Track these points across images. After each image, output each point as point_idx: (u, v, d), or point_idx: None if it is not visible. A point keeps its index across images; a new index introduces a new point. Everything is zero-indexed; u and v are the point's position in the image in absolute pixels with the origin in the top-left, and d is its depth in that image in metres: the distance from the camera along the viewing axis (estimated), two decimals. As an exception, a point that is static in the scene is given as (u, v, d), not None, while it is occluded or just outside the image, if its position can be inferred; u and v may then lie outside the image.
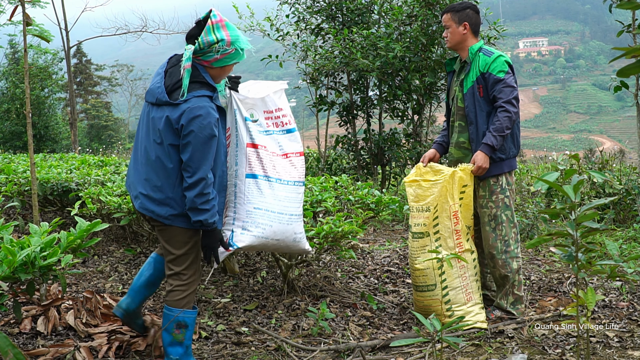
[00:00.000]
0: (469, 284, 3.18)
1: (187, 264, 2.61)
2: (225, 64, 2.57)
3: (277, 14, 7.95)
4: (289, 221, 2.77)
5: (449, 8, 3.31)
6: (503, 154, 3.20)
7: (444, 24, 3.33)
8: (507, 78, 3.15)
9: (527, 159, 14.78)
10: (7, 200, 4.77)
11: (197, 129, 2.41)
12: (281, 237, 2.76)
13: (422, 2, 6.50)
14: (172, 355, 2.61)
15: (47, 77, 17.25)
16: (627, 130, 58.30)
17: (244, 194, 2.72)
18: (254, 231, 2.69)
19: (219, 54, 2.52)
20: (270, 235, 2.72)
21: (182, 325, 2.61)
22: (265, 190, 2.74)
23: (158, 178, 2.53)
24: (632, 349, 2.73)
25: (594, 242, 4.82)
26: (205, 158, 2.45)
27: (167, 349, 2.63)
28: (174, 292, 2.61)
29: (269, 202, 2.74)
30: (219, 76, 2.63)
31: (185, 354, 2.64)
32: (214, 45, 2.50)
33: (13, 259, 2.47)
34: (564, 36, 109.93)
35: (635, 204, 5.57)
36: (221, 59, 2.54)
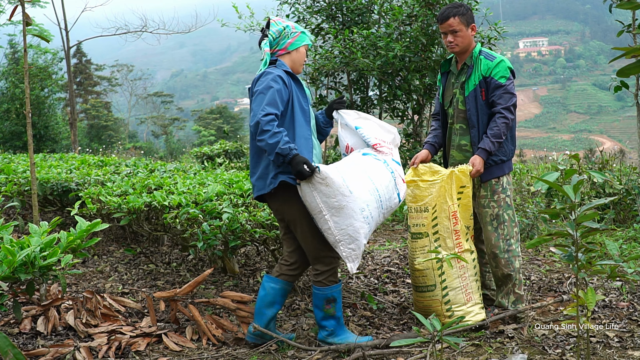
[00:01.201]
0: (469, 284, 3.18)
1: (316, 243, 2.85)
2: (298, 45, 2.95)
3: (277, 13, 7.95)
4: (365, 211, 2.78)
5: (455, 12, 3.19)
6: (504, 156, 3.23)
7: (452, 28, 3.19)
8: (508, 84, 3.16)
9: (527, 159, 14.78)
10: (7, 200, 4.77)
11: (258, 84, 2.81)
12: (350, 218, 2.74)
13: (422, 2, 6.50)
14: (327, 327, 2.92)
15: (47, 77, 17.23)
16: (627, 130, 58.29)
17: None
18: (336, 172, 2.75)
19: (290, 37, 2.93)
20: (348, 198, 2.72)
21: (331, 300, 2.90)
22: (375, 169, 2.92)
23: (256, 162, 2.90)
24: (632, 349, 2.73)
25: (594, 242, 4.82)
26: (260, 104, 2.73)
27: (321, 322, 2.93)
28: (319, 274, 2.89)
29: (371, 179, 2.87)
30: (298, 61, 2.98)
31: (338, 324, 2.94)
32: (282, 32, 2.92)
33: (13, 259, 2.47)
34: (564, 36, 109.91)
35: (635, 204, 5.57)
36: (293, 42, 2.94)
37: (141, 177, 4.84)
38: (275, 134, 2.66)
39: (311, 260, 2.92)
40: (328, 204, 2.72)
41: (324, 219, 2.75)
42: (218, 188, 3.88)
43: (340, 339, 2.92)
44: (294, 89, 2.88)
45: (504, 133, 3.14)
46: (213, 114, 39.13)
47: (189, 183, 4.29)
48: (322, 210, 2.73)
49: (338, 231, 2.75)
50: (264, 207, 3.64)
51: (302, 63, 3.00)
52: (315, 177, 2.69)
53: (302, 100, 2.91)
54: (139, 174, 5.12)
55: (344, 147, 3.18)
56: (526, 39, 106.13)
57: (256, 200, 3.12)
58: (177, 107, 48.70)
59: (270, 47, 2.92)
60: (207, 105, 64.83)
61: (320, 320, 2.93)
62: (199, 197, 3.73)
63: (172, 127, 38.84)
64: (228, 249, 3.76)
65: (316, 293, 2.91)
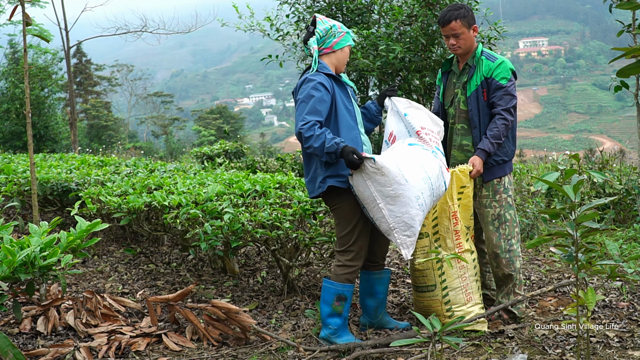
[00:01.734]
0: (469, 284, 3.18)
1: (353, 240, 2.92)
2: (343, 45, 3.04)
3: (277, 14, 7.95)
4: (420, 198, 2.81)
5: (456, 15, 3.18)
6: (506, 156, 3.24)
7: (454, 32, 3.18)
8: (509, 86, 3.16)
9: (527, 159, 14.77)
10: (7, 200, 4.77)
11: (300, 92, 2.92)
12: (406, 206, 2.77)
13: (422, 2, 6.50)
14: (331, 325, 2.92)
15: (46, 77, 17.22)
16: (627, 130, 58.24)
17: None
18: (392, 162, 2.78)
19: (336, 37, 3.01)
20: (402, 185, 2.76)
21: (342, 298, 2.91)
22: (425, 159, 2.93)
23: (307, 164, 3.01)
24: (632, 349, 2.73)
25: (594, 242, 4.82)
26: (301, 114, 2.84)
27: (326, 320, 2.93)
28: (340, 267, 2.93)
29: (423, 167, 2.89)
30: (342, 60, 3.06)
31: (342, 325, 2.94)
32: (329, 31, 3.00)
33: (13, 259, 2.47)
34: (564, 36, 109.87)
35: (635, 204, 5.57)
36: (339, 41, 3.02)
37: (141, 177, 4.84)
38: (318, 136, 2.75)
39: (338, 252, 2.99)
40: (383, 193, 2.76)
41: (377, 208, 2.78)
42: (218, 188, 3.88)
43: (342, 340, 2.93)
44: (337, 92, 2.97)
45: (504, 134, 3.15)
46: (213, 114, 39.14)
47: (189, 183, 4.29)
48: (375, 199, 2.77)
49: (393, 219, 2.78)
50: (264, 207, 3.64)
51: (345, 62, 3.10)
52: (370, 167, 2.73)
53: (345, 100, 3.01)
54: (139, 174, 5.12)
55: (387, 135, 3.23)
56: (526, 39, 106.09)
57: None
58: (177, 107, 48.70)
59: (317, 45, 3.02)
60: (207, 105, 64.83)
61: (325, 317, 2.95)
62: (199, 197, 3.73)
63: (172, 127, 38.84)
64: (229, 249, 3.76)
65: (328, 287, 2.93)
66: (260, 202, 3.71)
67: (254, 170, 7.94)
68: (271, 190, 3.97)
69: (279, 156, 9.80)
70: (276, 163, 9.13)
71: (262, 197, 3.85)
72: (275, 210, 3.51)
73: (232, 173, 5.24)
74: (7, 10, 17.07)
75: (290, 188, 4.09)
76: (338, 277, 2.93)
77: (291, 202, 3.69)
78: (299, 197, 3.69)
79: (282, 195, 3.85)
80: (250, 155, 10.40)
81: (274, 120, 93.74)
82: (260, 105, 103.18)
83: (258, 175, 4.54)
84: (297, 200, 3.66)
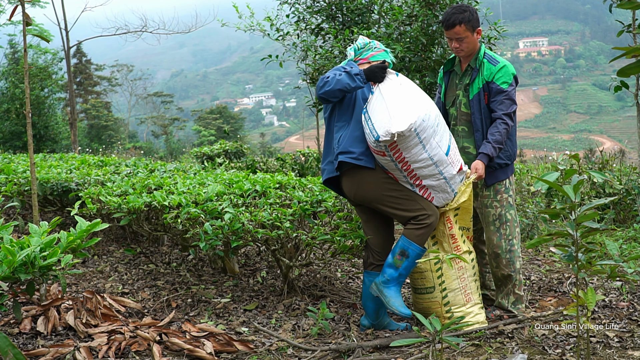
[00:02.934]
0: (468, 284, 3.18)
1: (415, 205, 3.00)
2: (379, 59, 3.18)
3: (277, 14, 7.95)
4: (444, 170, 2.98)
5: (460, 19, 3.14)
6: (508, 160, 3.24)
7: (458, 36, 3.16)
8: (510, 90, 3.15)
9: (527, 159, 14.77)
10: (7, 200, 4.77)
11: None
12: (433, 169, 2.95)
13: (422, 2, 6.50)
14: (386, 274, 2.99)
15: (46, 77, 17.21)
16: (627, 130, 58.25)
17: None
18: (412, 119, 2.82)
19: (373, 50, 3.20)
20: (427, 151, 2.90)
21: (404, 253, 2.96)
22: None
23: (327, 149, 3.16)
24: (632, 349, 2.73)
25: (594, 242, 4.82)
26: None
27: (385, 267, 3.01)
28: (413, 224, 2.99)
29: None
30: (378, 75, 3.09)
31: (396, 279, 2.98)
32: (367, 45, 3.21)
33: (13, 259, 2.47)
34: (564, 36, 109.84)
35: (635, 204, 5.56)
36: (375, 54, 3.19)
37: (141, 177, 4.83)
38: (334, 75, 2.91)
39: (406, 224, 3.03)
40: (432, 146, 2.90)
41: (433, 167, 2.93)
42: (218, 188, 3.88)
43: (388, 293, 2.97)
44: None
45: (504, 139, 3.15)
46: (213, 114, 39.15)
47: (189, 183, 4.29)
48: (431, 158, 2.91)
49: (449, 177, 3.00)
50: (264, 207, 3.64)
51: None
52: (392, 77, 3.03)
53: (365, 90, 3.13)
54: (139, 174, 5.12)
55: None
56: (526, 39, 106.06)
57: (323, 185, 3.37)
58: (177, 107, 48.72)
59: (354, 54, 3.21)
60: (207, 105, 64.84)
61: (386, 265, 3.01)
62: (199, 197, 3.73)
63: (172, 127, 38.85)
64: (229, 249, 3.76)
65: (399, 241, 3.00)
66: (260, 202, 3.71)
67: (254, 170, 7.94)
68: (271, 190, 3.97)
69: (279, 156, 9.80)
70: (276, 163, 9.13)
71: (262, 197, 3.85)
72: (275, 210, 3.51)
73: (232, 173, 5.24)
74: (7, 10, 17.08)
75: (290, 188, 4.09)
76: (410, 232, 2.98)
77: (291, 202, 3.69)
78: (299, 197, 3.69)
79: (282, 195, 3.85)
80: (250, 155, 10.41)
81: (274, 120, 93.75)
82: (260, 105, 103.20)
83: (258, 175, 4.53)
84: (297, 200, 3.66)
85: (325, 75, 2.96)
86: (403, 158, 2.89)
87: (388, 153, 2.87)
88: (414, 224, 2.99)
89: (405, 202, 3.00)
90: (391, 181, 3.03)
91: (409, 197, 3.01)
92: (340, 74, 2.94)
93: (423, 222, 2.98)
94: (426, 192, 3.03)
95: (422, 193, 3.03)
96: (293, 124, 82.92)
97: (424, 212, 2.99)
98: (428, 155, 2.88)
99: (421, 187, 3.01)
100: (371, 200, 3.04)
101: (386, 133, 2.78)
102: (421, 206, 3.01)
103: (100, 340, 2.83)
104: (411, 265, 3.00)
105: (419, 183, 2.99)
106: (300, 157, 9.45)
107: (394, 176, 3.02)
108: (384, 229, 3.20)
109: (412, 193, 3.02)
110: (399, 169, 2.95)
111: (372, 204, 3.06)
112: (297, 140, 53.91)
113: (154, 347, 2.73)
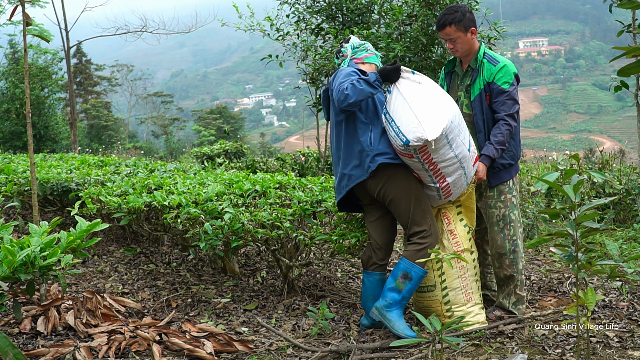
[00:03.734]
0: (469, 284, 3.18)
1: (424, 220, 3.01)
2: (370, 62, 3.23)
3: (277, 14, 7.95)
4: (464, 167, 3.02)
5: (450, 20, 3.14)
6: (512, 160, 3.22)
7: (450, 37, 3.17)
8: (512, 90, 3.12)
9: (527, 159, 14.77)
10: (7, 200, 4.77)
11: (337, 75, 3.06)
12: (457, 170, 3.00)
13: (422, 2, 6.50)
14: (388, 298, 3.00)
15: (46, 77, 17.20)
16: (627, 130, 58.25)
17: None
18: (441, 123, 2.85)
19: (367, 52, 3.23)
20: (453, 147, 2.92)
21: (407, 276, 2.97)
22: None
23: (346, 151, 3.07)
24: (632, 349, 2.73)
25: (594, 242, 4.82)
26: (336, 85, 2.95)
27: (386, 291, 3.01)
28: (413, 244, 3.00)
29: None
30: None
31: (399, 302, 2.99)
32: (362, 46, 3.23)
33: (13, 259, 2.47)
34: (564, 36, 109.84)
35: (635, 204, 5.56)
36: (369, 56, 3.23)
37: (141, 177, 4.83)
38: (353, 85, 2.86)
39: (409, 234, 3.05)
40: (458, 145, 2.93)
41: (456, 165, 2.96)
42: (218, 188, 3.88)
43: (392, 317, 2.97)
44: None
45: (507, 140, 3.13)
46: (213, 114, 39.15)
47: (189, 183, 4.29)
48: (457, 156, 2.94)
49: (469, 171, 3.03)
50: (264, 207, 3.64)
51: None
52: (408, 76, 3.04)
53: (380, 94, 3.16)
54: (139, 174, 5.12)
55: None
56: (526, 39, 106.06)
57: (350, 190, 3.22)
58: (177, 107, 48.73)
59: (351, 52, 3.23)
60: (207, 105, 64.86)
61: (387, 288, 3.02)
62: (199, 197, 3.73)
63: (172, 127, 38.86)
64: (229, 249, 3.76)
65: (400, 264, 3.00)
66: (260, 202, 3.71)
67: (254, 170, 7.94)
68: (271, 190, 3.97)
69: (279, 156, 9.80)
70: (276, 163, 9.13)
71: (262, 197, 3.85)
72: (275, 210, 3.51)
73: (232, 173, 5.24)
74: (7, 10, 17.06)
75: (290, 188, 4.09)
76: (411, 255, 2.98)
77: (291, 202, 3.69)
78: (299, 197, 3.69)
79: (282, 195, 3.85)
80: (250, 155, 10.41)
81: (274, 120, 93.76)
82: (260, 105, 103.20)
83: (258, 175, 4.53)
84: (297, 200, 3.66)
85: (342, 87, 2.87)
86: (431, 159, 2.89)
87: (417, 155, 2.87)
88: (416, 242, 3.00)
89: (419, 212, 3.02)
90: (419, 188, 3.06)
91: (423, 210, 3.03)
92: (359, 83, 2.88)
93: (424, 240, 3.00)
94: (447, 189, 3.04)
95: (443, 191, 3.04)
96: (293, 124, 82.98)
97: (428, 230, 3.01)
98: (454, 154, 2.92)
99: (444, 186, 3.02)
100: (393, 196, 3.01)
101: (417, 139, 2.77)
102: (428, 223, 3.02)
103: (100, 340, 2.83)
104: (414, 288, 3.00)
105: (443, 181, 3.00)
106: (300, 157, 9.45)
107: (419, 176, 3.03)
108: (392, 230, 3.23)
109: (427, 207, 3.05)
110: (426, 169, 2.95)
111: (390, 200, 3.03)
112: (297, 140, 53.91)
113: (154, 347, 2.73)
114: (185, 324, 3.09)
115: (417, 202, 3.02)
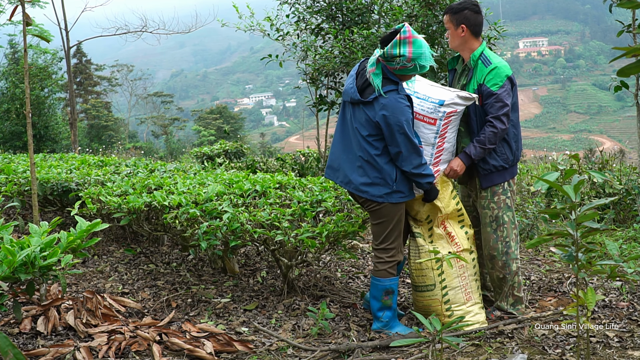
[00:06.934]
0: (469, 283, 3.18)
1: (393, 238, 3.08)
2: (403, 73, 2.96)
3: (277, 14, 7.94)
4: None
5: (448, 9, 3.23)
6: (505, 163, 3.21)
7: (445, 25, 3.27)
8: (501, 92, 3.10)
9: (527, 159, 14.77)
10: (7, 200, 4.77)
11: (393, 122, 2.88)
12: None
13: (422, 2, 6.50)
14: (383, 318, 3.09)
15: (46, 77, 17.20)
16: (627, 130, 58.27)
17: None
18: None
19: (399, 65, 2.89)
20: None
21: (389, 292, 3.09)
22: None
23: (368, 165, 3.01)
24: (632, 349, 2.73)
25: (594, 242, 4.82)
26: (406, 142, 2.91)
27: (377, 313, 3.11)
28: (382, 263, 3.08)
29: None
30: (400, 80, 2.99)
31: (393, 316, 3.12)
32: (396, 58, 2.87)
33: (13, 259, 2.47)
34: (564, 36, 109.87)
35: (635, 204, 5.57)
36: (400, 69, 2.92)
37: (141, 177, 4.83)
38: (426, 173, 3.01)
39: (377, 251, 3.13)
40: None
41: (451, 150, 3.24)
42: (218, 188, 3.88)
43: (393, 329, 3.10)
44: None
45: (491, 142, 3.11)
46: (213, 114, 39.15)
47: (189, 183, 4.29)
48: None
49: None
50: (264, 207, 3.64)
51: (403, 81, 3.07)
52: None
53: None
54: (139, 174, 5.12)
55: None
56: (526, 39, 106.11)
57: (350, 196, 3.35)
58: (177, 107, 48.72)
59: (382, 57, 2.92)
60: (207, 105, 64.88)
61: (376, 311, 3.11)
62: (199, 197, 3.73)
63: (172, 127, 38.85)
64: (228, 249, 3.76)
65: (376, 284, 3.09)
66: (260, 202, 3.71)
67: (254, 170, 7.94)
68: (271, 190, 3.97)
69: (279, 156, 9.80)
70: (276, 163, 9.13)
71: (262, 197, 3.85)
72: (274, 210, 3.51)
73: (232, 173, 5.24)
74: (7, 10, 17.05)
75: (290, 188, 4.09)
76: (382, 273, 3.08)
77: (291, 202, 3.69)
78: (299, 197, 3.68)
79: (282, 195, 3.85)
80: (250, 155, 10.40)
81: (274, 120, 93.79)
82: (260, 105, 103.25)
83: (258, 175, 4.53)
84: (297, 200, 3.66)
85: (422, 160, 2.97)
86: (445, 133, 3.10)
87: (440, 122, 3.07)
88: (386, 261, 3.10)
89: (395, 232, 3.10)
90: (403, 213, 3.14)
91: (399, 231, 3.13)
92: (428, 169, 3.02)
93: (393, 258, 3.10)
94: (437, 175, 3.19)
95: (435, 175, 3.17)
96: (293, 124, 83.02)
97: (397, 249, 3.12)
98: (453, 138, 3.18)
99: (436, 171, 3.18)
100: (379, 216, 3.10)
101: (454, 97, 3.05)
102: (399, 242, 3.13)
103: (100, 340, 2.83)
104: (396, 295, 3.14)
105: (437, 169, 3.17)
106: (300, 157, 9.44)
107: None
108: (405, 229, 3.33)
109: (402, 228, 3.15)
110: (434, 144, 3.12)
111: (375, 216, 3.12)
112: (297, 140, 53.92)
113: (154, 347, 2.73)
114: (185, 324, 3.09)
115: (396, 224, 3.10)
